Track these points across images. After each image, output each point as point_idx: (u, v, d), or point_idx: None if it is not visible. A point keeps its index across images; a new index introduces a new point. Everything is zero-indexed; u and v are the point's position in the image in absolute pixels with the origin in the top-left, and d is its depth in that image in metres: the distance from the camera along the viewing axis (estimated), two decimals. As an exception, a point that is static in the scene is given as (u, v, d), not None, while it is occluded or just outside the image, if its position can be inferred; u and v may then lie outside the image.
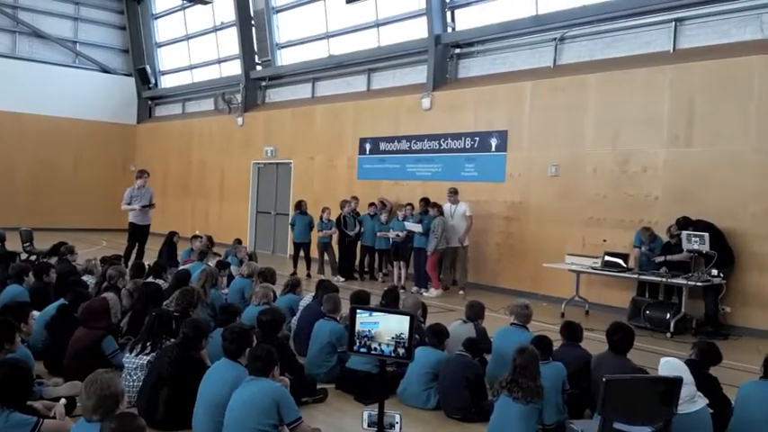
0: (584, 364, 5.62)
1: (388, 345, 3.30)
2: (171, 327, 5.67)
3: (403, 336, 3.26)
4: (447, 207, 12.32)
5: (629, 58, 11.30)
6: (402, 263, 12.79)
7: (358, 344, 3.38)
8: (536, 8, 12.71)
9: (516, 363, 4.73)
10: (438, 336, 5.88)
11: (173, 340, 5.38)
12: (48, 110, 21.05)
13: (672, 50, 10.81)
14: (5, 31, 21.15)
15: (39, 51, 21.62)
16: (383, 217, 13.29)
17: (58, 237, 11.98)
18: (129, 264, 12.04)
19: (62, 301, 6.57)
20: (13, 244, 12.55)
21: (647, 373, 5.01)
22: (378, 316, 3.36)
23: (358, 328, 3.34)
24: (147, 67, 22.92)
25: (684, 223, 9.50)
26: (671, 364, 4.45)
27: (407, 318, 3.30)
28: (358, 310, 3.41)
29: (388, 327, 3.29)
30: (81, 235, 18.03)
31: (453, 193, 12.36)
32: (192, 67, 22.12)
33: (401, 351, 3.31)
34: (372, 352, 3.37)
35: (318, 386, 5.93)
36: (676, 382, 3.95)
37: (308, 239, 13.90)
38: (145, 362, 5.39)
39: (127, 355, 5.54)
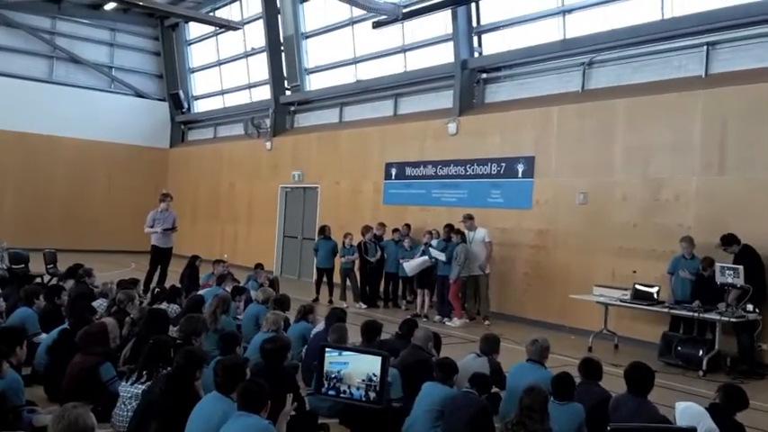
0: (601, 403, 5.27)
1: (358, 387, 3.02)
2: (169, 355, 5.46)
3: (374, 378, 2.98)
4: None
5: (660, 82, 10.95)
6: (426, 291, 12.47)
7: (326, 385, 3.10)
8: (564, 32, 12.48)
9: (523, 403, 4.42)
10: (445, 370, 5.53)
11: (169, 369, 5.18)
12: (83, 133, 21.41)
13: (704, 75, 10.44)
14: (43, 56, 21.64)
15: (75, 76, 22.06)
16: (406, 243, 13.03)
17: (89, 258, 12.02)
18: (151, 287, 12.04)
19: (65, 324, 6.47)
20: (38, 266, 12.62)
21: (668, 419, 4.65)
22: (348, 355, 3.08)
23: (326, 368, 3.07)
24: (181, 92, 23.17)
25: (730, 240, 9.03)
26: (688, 411, 4.10)
27: (379, 358, 3.02)
28: (327, 349, 3.14)
29: (358, 368, 3.01)
30: (112, 257, 18.17)
31: (468, 218, 12.05)
32: (223, 92, 22.32)
33: (372, 395, 3.02)
34: (341, 395, 3.10)
35: (321, 421, 5.66)
36: (690, 432, 3.62)
37: (332, 265, 13.72)
38: (140, 391, 5.19)
39: (123, 383, 5.37)
